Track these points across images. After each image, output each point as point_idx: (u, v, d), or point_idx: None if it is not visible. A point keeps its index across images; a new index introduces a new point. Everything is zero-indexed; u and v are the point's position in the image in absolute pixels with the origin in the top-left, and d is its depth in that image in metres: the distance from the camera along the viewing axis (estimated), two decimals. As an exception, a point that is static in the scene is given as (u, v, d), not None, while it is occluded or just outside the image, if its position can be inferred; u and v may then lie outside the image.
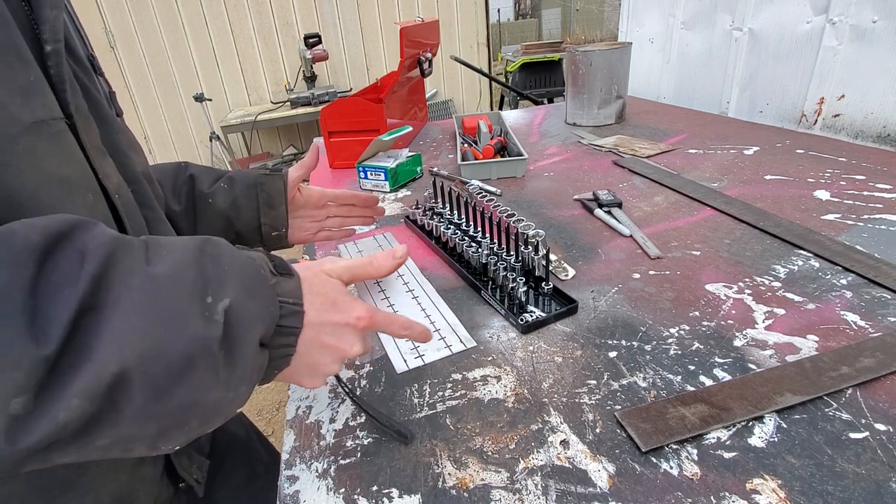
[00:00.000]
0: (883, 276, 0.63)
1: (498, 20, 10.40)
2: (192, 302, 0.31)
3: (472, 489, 0.42)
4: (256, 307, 0.34)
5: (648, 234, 0.81)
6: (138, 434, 0.29)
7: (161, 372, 0.28)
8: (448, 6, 4.48)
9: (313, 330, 0.39)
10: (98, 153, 0.42)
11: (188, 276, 0.32)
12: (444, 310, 0.66)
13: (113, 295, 0.28)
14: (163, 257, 0.32)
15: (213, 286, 0.32)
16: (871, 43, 1.12)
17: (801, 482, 0.39)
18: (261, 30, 4.20)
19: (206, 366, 0.30)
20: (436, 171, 1.20)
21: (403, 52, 1.36)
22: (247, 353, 0.33)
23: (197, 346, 0.30)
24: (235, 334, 0.32)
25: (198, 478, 0.55)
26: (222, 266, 0.33)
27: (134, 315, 0.28)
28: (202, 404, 0.31)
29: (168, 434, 0.31)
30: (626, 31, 2.04)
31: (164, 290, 0.30)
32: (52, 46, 0.37)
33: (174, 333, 0.29)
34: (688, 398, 0.48)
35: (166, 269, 0.31)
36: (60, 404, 0.25)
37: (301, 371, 0.40)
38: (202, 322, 0.31)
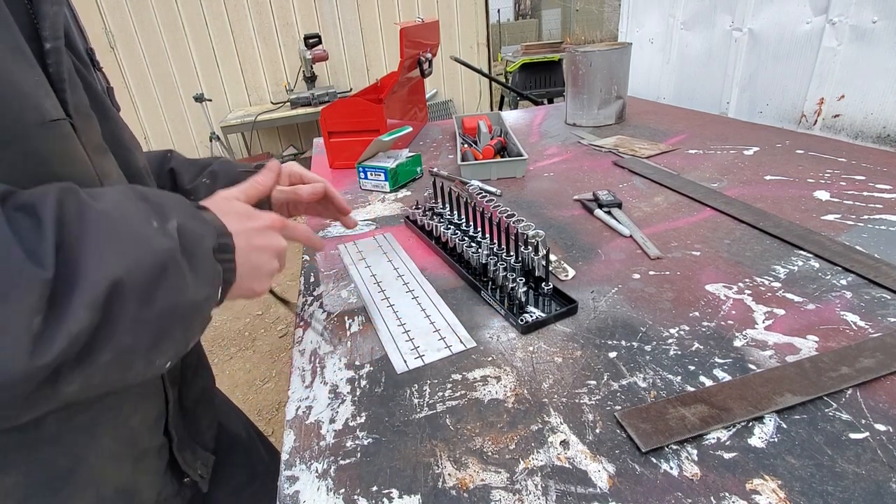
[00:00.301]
0: (883, 277, 0.63)
1: (498, 20, 10.41)
2: (144, 225, 0.35)
3: (472, 489, 0.42)
4: (199, 227, 0.39)
5: (648, 235, 0.81)
6: (135, 344, 0.33)
7: (144, 280, 0.33)
8: (448, 6, 4.48)
9: (242, 238, 0.44)
10: (99, 151, 0.42)
11: (130, 208, 0.36)
12: (443, 310, 0.66)
13: (76, 228, 0.31)
14: (101, 198, 0.35)
15: (155, 213, 0.36)
16: (871, 43, 1.12)
17: (801, 482, 0.39)
18: (261, 30, 4.20)
19: (175, 272, 0.35)
20: (436, 172, 1.20)
21: (403, 52, 1.36)
22: (205, 258, 0.39)
23: (164, 255, 0.34)
24: (191, 246, 0.37)
25: (202, 473, 0.56)
26: (153, 199, 0.38)
27: (103, 240, 0.32)
28: (180, 305, 0.36)
29: (159, 345, 0.35)
30: (625, 31, 2.04)
31: (117, 219, 0.34)
32: (51, 44, 0.37)
33: (143, 248, 0.34)
34: (688, 398, 0.48)
35: (109, 205, 0.34)
36: (69, 317, 0.29)
37: (249, 277, 0.45)
38: (160, 237, 0.35)
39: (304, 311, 0.65)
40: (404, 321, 0.65)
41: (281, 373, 2.08)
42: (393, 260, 0.81)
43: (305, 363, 0.60)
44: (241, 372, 2.11)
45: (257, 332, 2.35)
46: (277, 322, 2.40)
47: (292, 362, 0.61)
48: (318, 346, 0.63)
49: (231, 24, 4.11)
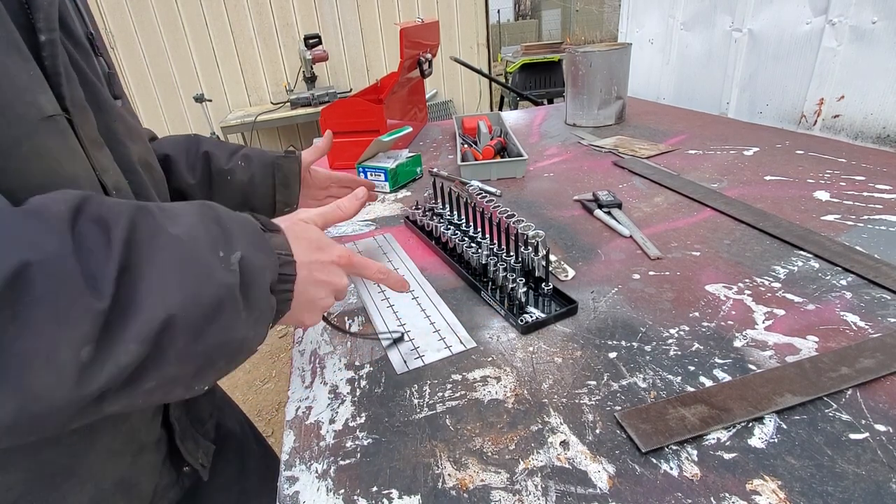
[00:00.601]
0: (883, 277, 0.63)
1: (498, 21, 10.41)
2: (209, 256, 0.35)
3: (472, 490, 0.42)
4: (262, 258, 0.39)
5: (648, 235, 0.81)
6: (179, 374, 0.33)
7: (198, 316, 0.32)
8: (448, 7, 4.48)
9: (305, 269, 0.44)
10: (95, 145, 0.42)
11: (201, 234, 0.35)
12: (443, 310, 0.66)
13: (144, 254, 0.31)
14: (175, 220, 0.35)
15: (221, 242, 0.36)
16: (871, 44, 1.12)
17: (801, 483, 0.39)
18: (261, 30, 4.20)
19: (231, 308, 0.35)
20: (436, 172, 1.20)
21: (403, 52, 1.36)
22: (261, 296, 0.38)
23: (223, 291, 0.34)
24: (250, 281, 0.37)
25: (203, 462, 0.56)
26: (224, 225, 0.38)
27: (167, 270, 0.31)
28: (230, 343, 0.36)
29: (201, 374, 0.35)
30: (625, 31, 2.05)
31: (186, 247, 0.34)
32: (46, 36, 0.36)
33: (204, 283, 0.33)
34: (688, 399, 0.48)
35: (182, 229, 0.34)
36: (119, 349, 0.29)
37: (301, 309, 0.45)
38: (223, 272, 0.35)
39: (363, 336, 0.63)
40: (404, 321, 0.65)
41: (281, 373, 2.08)
42: (393, 260, 0.81)
43: (305, 363, 0.60)
44: (240, 372, 2.11)
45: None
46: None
47: (292, 362, 0.61)
48: (318, 346, 0.63)
49: (231, 25, 4.11)
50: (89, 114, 0.41)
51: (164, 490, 0.52)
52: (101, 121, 0.44)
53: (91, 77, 0.44)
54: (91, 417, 0.31)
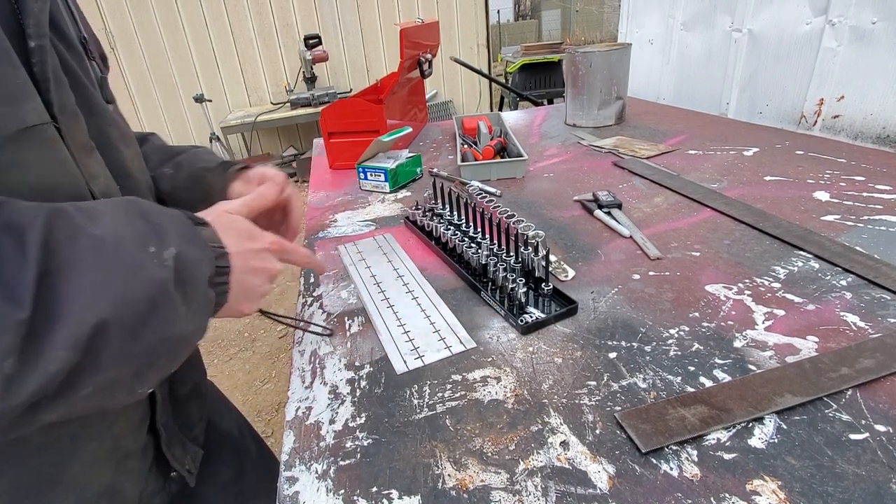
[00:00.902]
0: (882, 277, 0.63)
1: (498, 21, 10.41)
2: (138, 253, 0.34)
3: (472, 490, 0.42)
4: (197, 252, 0.38)
5: (648, 235, 0.81)
6: (118, 377, 0.32)
7: (131, 316, 0.32)
8: (448, 7, 4.48)
9: (240, 259, 0.43)
10: (85, 151, 0.41)
11: (126, 232, 0.34)
12: (443, 310, 0.66)
13: (64, 257, 0.30)
14: (96, 219, 0.33)
15: (151, 238, 0.35)
16: (871, 44, 1.12)
17: (802, 483, 0.39)
18: (261, 31, 4.20)
19: (166, 305, 0.34)
20: (435, 172, 1.20)
21: (403, 53, 1.36)
22: (199, 289, 0.38)
23: (156, 288, 0.33)
24: (187, 276, 0.36)
25: (190, 468, 0.55)
26: (152, 220, 0.37)
27: (93, 272, 0.30)
28: (169, 339, 0.35)
29: (143, 374, 0.34)
30: (625, 32, 2.05)
31: (111, 246, 0.32)
32: (36, 42, 0.36)
33: (135, 281, 0.32)
34: (688, 399, 0.48)
35: (105, 228, 0.33)
36: (47, 357, 0.28)
37: (240, 299, 0.44)
38: (154, 267, 0.34)
39: (301, 318, 0.64)
40: (404, 322, 0.65)
41: (281, 373, 2.07)
42: (393, 260, 0.81)
43: (305, 364, 0.60)
44: (240, 373, 2.11)
45: (257, 333, 2.35)
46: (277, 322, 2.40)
47: (292, 363, 0.61)
48: (318, 346, 0.63)
49: (231, 25, 4.12)
50: (80, 119, 0.41)
51: (149, 496, 0.52)
52: (94, 125, 0.43)
53: (84, 81, 0.43)
54: (27, 427, 0.30)
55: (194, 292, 0.37)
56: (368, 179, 1.15)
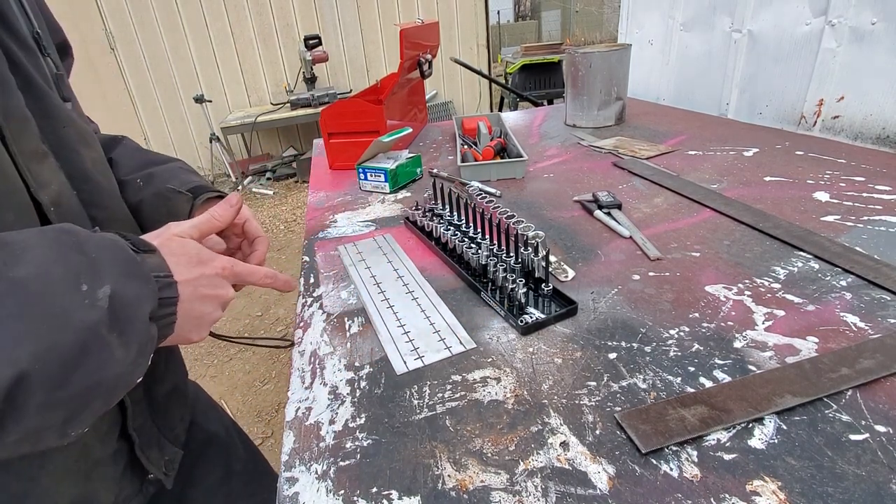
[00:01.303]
0: (882, 278, 0.63)
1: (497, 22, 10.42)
2: (68, 294, 0.31)
3: (472, 491, 0.42)
4: (136, 288, 0.35)
5: (648, 236, 0.81)
6: (45, 424, 0.30)
7: (57, 366, 0.29)
8: (448, 8, 4.49)
9: (189, 287, 0.40)
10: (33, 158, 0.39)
11: (56, 272, 0.31)
12: (443, 311, 0.66)
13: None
14: (20, 258, 0.30)
15: (84, 275, 0.32)
16: (871, 44, 1.12)
17: (802, 484, 0.39)
18: (261, 31, 4.20)
19: (98, 349, 0.31)
20: (435, 173, 1.20)
21: (403, 53, 1.36)
22: (139, 328, 0.35)
23: (86, 333, 0.31)
24: (124, 316, 0.33)
25: (166, 471, 0.54)
26: (88, 253, 0.33)
27: (12, 321, 0.28)
28: (103, 383, 0.33)
29: (75, 418, 0.32)
30: (625, 32, 2.05)
31: (35, 290, 0.30)
32: None
33: (60, 328, 0.30)
34: (688, 399, 0.48)
35: (30, 269, 0.30)
36: None
37: (188, 328, 0.41)
38: (85, 310, 0.31)
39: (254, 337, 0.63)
40: (404, 322, 0.65)
41: (280, 374, 2.07)
42: (393, 261, 0.81)
43: (305, 364, 0.60)
44: (240, 373, 2.11)
45: (257, 333, 2.35)
46: (277, 323, 2.40)
47: (292, 363, 0.61)
48: (318, 347, 0.63)
49: (231, 26, 4.12)
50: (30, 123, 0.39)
51: (125, 501, 0.51)
52: (48, 128, 0.41)
53: (38, 80, 0.41)
54: None
55: (132, 332, 0.34)
56: (368, 180, 1.15)
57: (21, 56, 0.39)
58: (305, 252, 0.89)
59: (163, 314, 0.38)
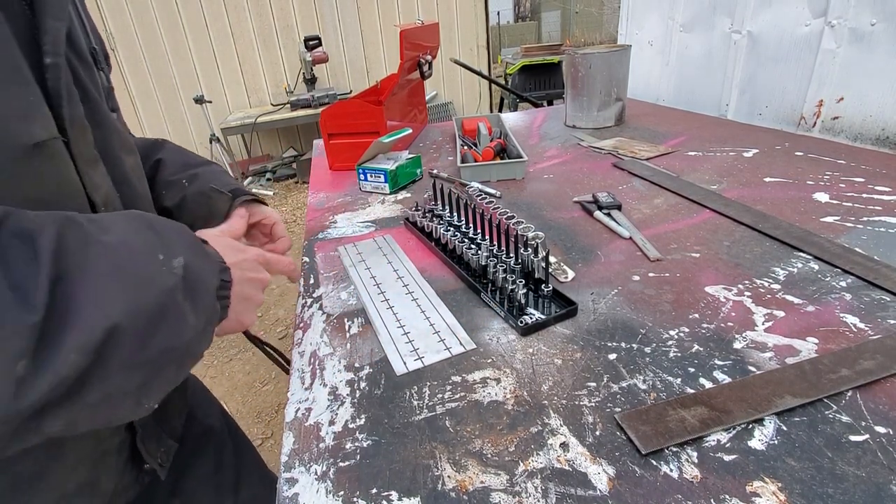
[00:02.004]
0: (882, 279, 0.63)
1: (497, 23, 10.42)
2: (149, 261, 0.34)
3: (472, 491, 0.42)
4: (204, 263, 0.39)
5: (648, 237, 0.81)
6: (125, 386, 0.32)
7: (143, 322, 0.32)
8: (448, 9, 4.49)
9: (237, 271, 0.45)
10: (90, 163, 0.42)
11: (136, 241, 0.35)
12: (443, 312, 0.66)
13: (76, 263, 0.30)
14: (107, 229, 0.34)
15: (160, 247, 0.36)
16: (870, 45, 1.13)
17: (802, 485, 0.39)
18: (261, 32, 4.20)
19: (176, 313, 0.34)
20: (435, 173, 1.20)
21: (403, 54, 1.36)
22: (207, 299, 0.38)
23: (165, 296, 0.34)
24: (196, 285, 0.37)
25: (162, 461, 0.56)
26: (159, 231, 0.37)
27: (105, 278, 0.31)
28: (177, 348, 0.35)
29: (149, 385, 0.34)
30: (625, 33, 2.05)
31: (122, 254, 0.33)
32: (52, 59, 0.37)
33: (145, 289, 0.33)
34: (688, 400, 0.48)
35: (115, 237, 0.34)
36: (58, 360, 0.28)
37: (240, 310, 0.46)
38: (163, 276, 0.34)
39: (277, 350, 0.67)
40: (404, 323, 0.65)
41: (280, 374, 2.07)
42: (392, 262, 0.81)
43: (305, 365, 0.60)
44: (240, 374, 2.11)
45: (257, 334, 2.35)
46: (277, 324, 2.40)
47: (292, 364, 0.61)
48: (318, 347, 0.63)
49: (231, 26, 4.12)
50: (88, 131, 0.42)
51: (123, 489, 0.53)
52: (100, 136, 0.44)
53: (93, 93, 0.44)
54: (29, 439, 0.30)
55: (202, 302, 0.37)
56: (368, 181, 1.15)
57: (81, 71, 0.43)
58: (305, 253, 0.89)
59: (222, 294, 0.41)
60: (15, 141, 0.34)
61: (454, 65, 2.72)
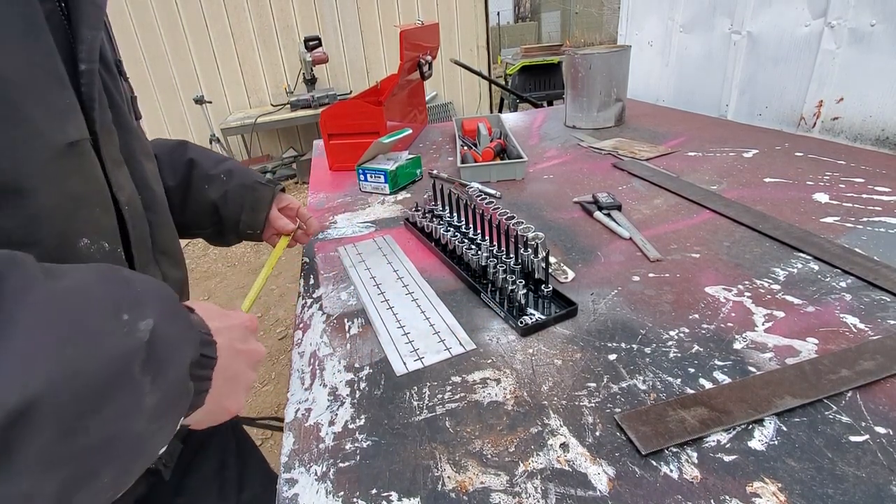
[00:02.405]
0: (882, 279, 0.63)
1: (497, 23, 10.42)
2: (105, 318, 0.27)
3: (472, 492, 0.42)
4: (180, 331, 0.32)
5: (648, 237, 0.81)
6: (32, 492, 0.23)
7: (73, 399, 0.24)
8: (448, 9, 4.49)
9: (224, 338, 0.38)
10: (115, 164, 0.45)
11: (96, 292, 0.28)
12: (443, 312, 0.66)
13: (5, 313, 0.23)
14: (63, 273, 0.28)
15: (127, 303, 0.29)
16: (870, 46, 1.13)
17: (802, 485, 0.39)
18: (261, 32, 4.20)
19: (126, 389, 0.26)
20: (435, 174, 1.20)
21: (403, 54, 1.36)
22: (175, 377, 0.30)
23: (117, 364, 0.26)
24: (163, 357, 0.29)
25: (166, 462, 0.57)
26: (134, 287, 0.31)
27: (38, 333, 0.23)
28: (121, 441, 0.26)
29: (75, 488, 0.25)
30: (625, 34, 2.05)
31: (72, 304, 0.26)
32: (87, 66, 0.40)
33: (91, 351, 0.25)
34: (687, 401, 0.48)
35: (70, 283, 0.27)
36: None
37: (224, 393, 0.38)
38: (120, 338, 0.27)
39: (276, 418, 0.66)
40: (404, 323, 0.65)
41: (280, 375, 2.07)
42: (392, 262, 0.81)
43: (305, 365, 0.60)
44: (240, 374, 2.10)
45: (257, 335, 2.35)
46: (277, 324, 2.40)
47: (292, 364, 0.61)
48: (318, 348, 0.63)
49: (231, 27, 4.12)
50: (114, 135, 0.44)
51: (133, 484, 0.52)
52: (124, 141, 0.47)
53: (118, 100, 0.47)
54: None
55: (166, 377, 0.29)
56: (368, 181, 1.15)
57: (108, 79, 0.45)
58: (305, 253, 0.89)
59: (200, 375, 0.34)
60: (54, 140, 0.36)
61: (454, 65, 2.72)
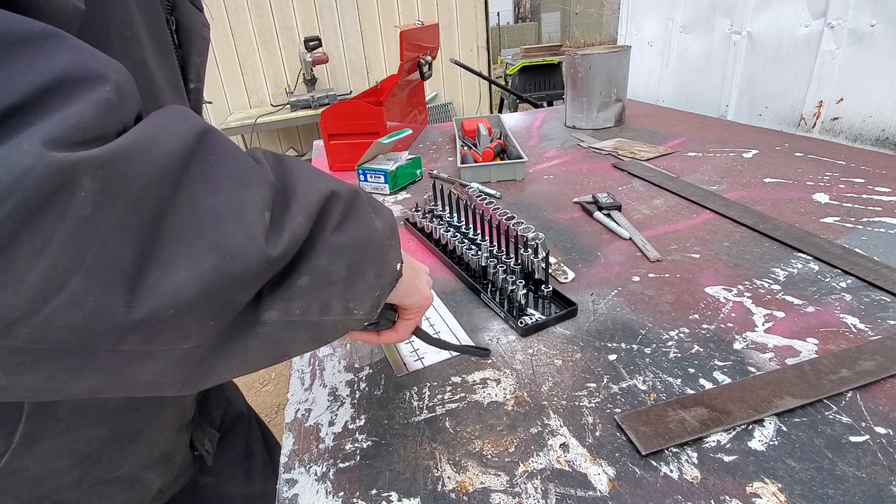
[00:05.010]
0: (882, 279, 0.63)
1: (497, 23, 10.43)
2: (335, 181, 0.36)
3: (472, 493, 0.42)
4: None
5: (648, 237, 0.81)
6: (329, 270, 0.32)
7: (341, 203, 0.33)
8: (448, 9, 4.49)
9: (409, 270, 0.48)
10: None
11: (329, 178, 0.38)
12: (443, 312, 0.66)
13: (285, 166, 0.33)
14: None
15: None
16: (870, 46, 1.13)
17: (802, 486, 0.39)
18: (261, 33, 4.21)
19: (362, 210, 0.35)
20: (435, 174, 1.20)
21: (403, 55, 1.36)
22: (388, 218, 0.39)
23: (354, 194, 0.35)
24: (376, 205, 0.39)
25: (208, 448, 0.61)
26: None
27: (308, 174, 0.33)
28: (371, 245, 0.35)
29: (352, 282, 0.34)
30: (625, 34, 2.05)
31: (315, 170, 0.36)
32: (194, 85, 0.47)
33: (338, 182, 0.35)
34: (688, 401, 0.48)
35: None
36: (292, 220, 0.29)
37: (411, 277, 0.49)
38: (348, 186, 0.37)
39: None
40: (404, 324, 0.65)
41: (280, 375, 2.07)
42: (392, 262, 0.81)
43: (305, 366, 0.60)
44: (240, 374, 2.10)
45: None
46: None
47: (292, 364, 0.61)
48: (318, 348, 0.63)
49: (231, 27, 4.12)
50: None
51: (183, 469, 0.57)
52: None
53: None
54: (250, 328, 0.29)
55: (383, 215, 0.38)
56: (368, 181, 1.15)
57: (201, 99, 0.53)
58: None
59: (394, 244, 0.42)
60: None
61: (454, 65, 2.73)
